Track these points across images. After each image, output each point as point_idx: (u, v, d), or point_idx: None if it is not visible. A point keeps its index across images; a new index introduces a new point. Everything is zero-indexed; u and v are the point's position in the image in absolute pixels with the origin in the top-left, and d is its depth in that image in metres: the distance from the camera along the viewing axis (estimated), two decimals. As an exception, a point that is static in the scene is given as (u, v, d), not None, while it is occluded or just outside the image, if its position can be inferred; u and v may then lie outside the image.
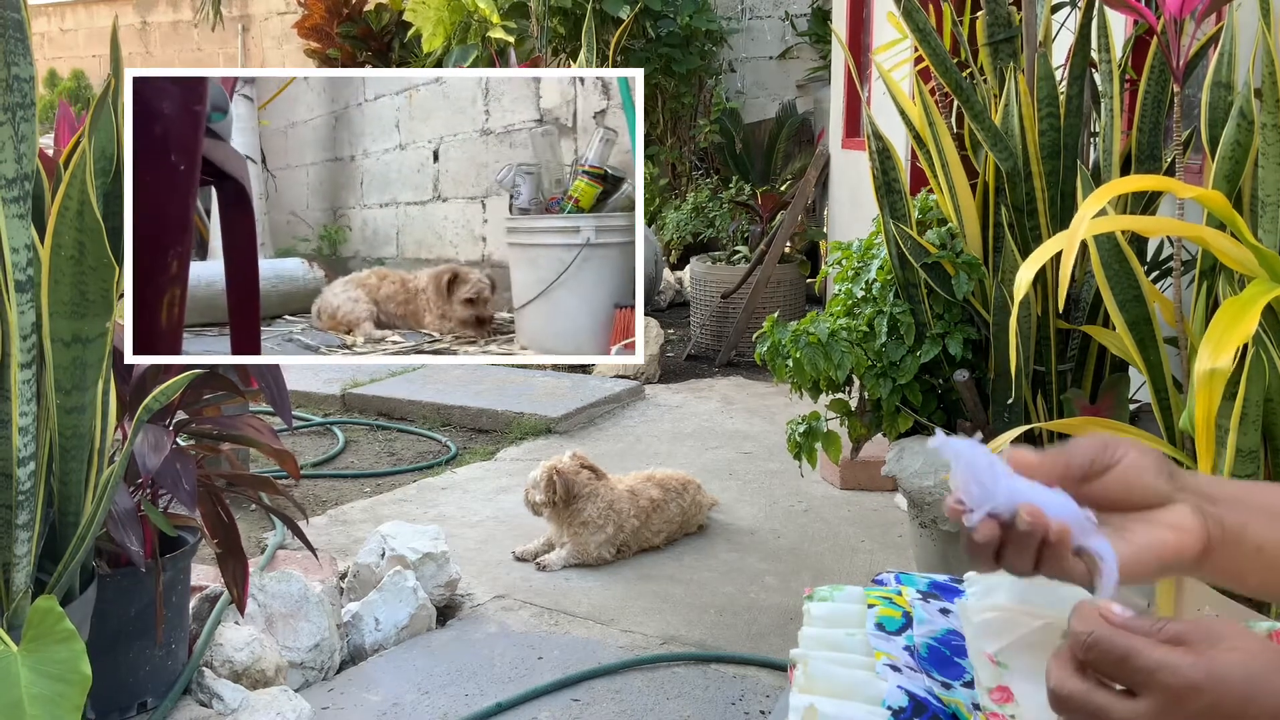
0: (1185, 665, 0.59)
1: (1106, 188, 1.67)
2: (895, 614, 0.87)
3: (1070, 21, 2.63)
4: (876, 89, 3.14)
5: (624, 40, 6.82)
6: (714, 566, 3.12)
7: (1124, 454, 0.70)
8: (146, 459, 1.93)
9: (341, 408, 4.74)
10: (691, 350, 5.78)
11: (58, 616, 1.57)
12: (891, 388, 2.58)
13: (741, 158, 7.62)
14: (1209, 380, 1.53)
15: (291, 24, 10.66)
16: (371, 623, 2.61)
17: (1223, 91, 2.03)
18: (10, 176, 1.60)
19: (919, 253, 2.54)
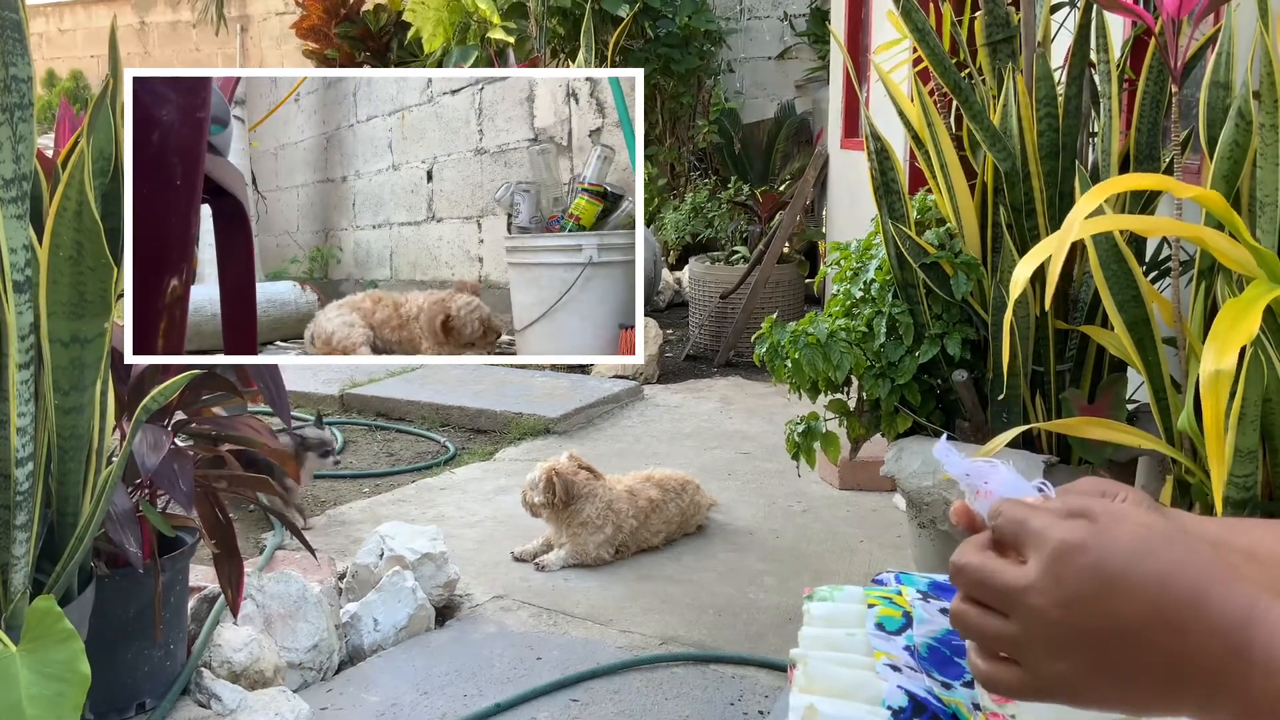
0: (1075, 527, 0.59)
1: (1103, 186, 1.67)
2: (895, 614, 0.87)
3: (1069, 22, 2.63)
4: (875, 89, 3.14)
5: (623, 40, 6.82)
6: (713, 567, 3.12)
7: (1121, 500, 0.70)
8: (144, 459, 1.93)
9: (340, 408, 4.74)
10: (690, 350, 5.78)
11: (56, 616, 1.57)
12: (890, 388, 2.58)
13: (740, 158, 7.62)
14: (1215, 383, 1.53)
15: (290, 24, 10.66)
16: (370, 623, 2.61)
17: (1221, 92, 2.04)
18: (8, 177, 1.60)
19: (917, 253, 2.55)
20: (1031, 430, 2.40)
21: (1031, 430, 2.40)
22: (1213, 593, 0.56)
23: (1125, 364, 2.40)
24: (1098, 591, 0.57)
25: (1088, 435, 2.12)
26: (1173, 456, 2.04)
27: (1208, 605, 0.56)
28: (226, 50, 13.76)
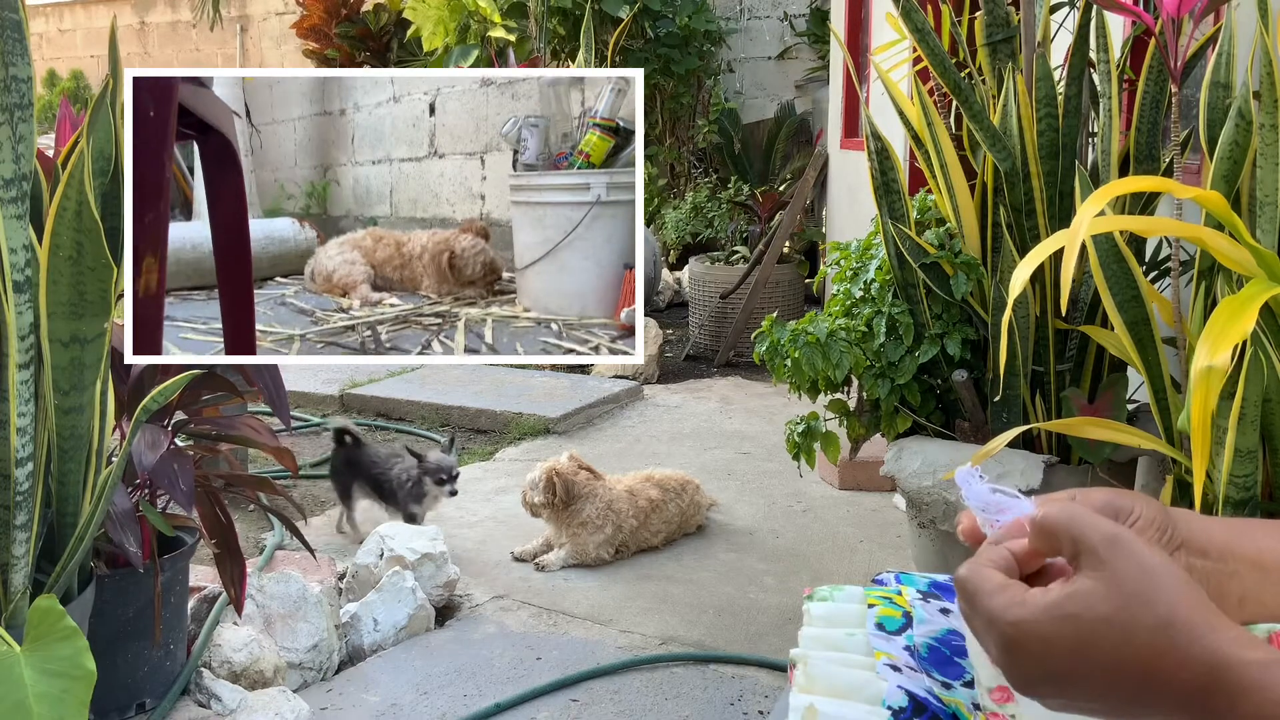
0: (1009, 618, 0.61)
1: (1106, 189, 1.67)
2: (895, 614, 0.87)
3: (1069, 22, 2.63)
4: (875, 89, 3.14)
5: (623, 40, 6.82)
6: (713, 567, 3.12)
7: (1135, 518, 0.70)
8: (144, 458, 1.93)
9: (340, 408, 4.74)
10: (690, 350, 5.78)
11: (59, 614, 1.57)
12: (890, 388, 2.58)
13: (740, 158, 7.62)
14: (1206, 378, 1.53)
15: (290, 24, 10.66)
16: (370, 623, 2.61)
17: (1221, 92, 2.03)
18: (8, 177, 1.60)
19: (917, 253, 2.54)
20: (1031, 430, 2.40)
21: (1031, 430, 2.40)
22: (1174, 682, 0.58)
23: (1125, 364, 2.41)
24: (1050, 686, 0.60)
25: (1088, 435, 2.12)
26: (1173, 456, 2.04)
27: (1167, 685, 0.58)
28: (226, 50, 13.76)
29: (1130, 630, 0.59)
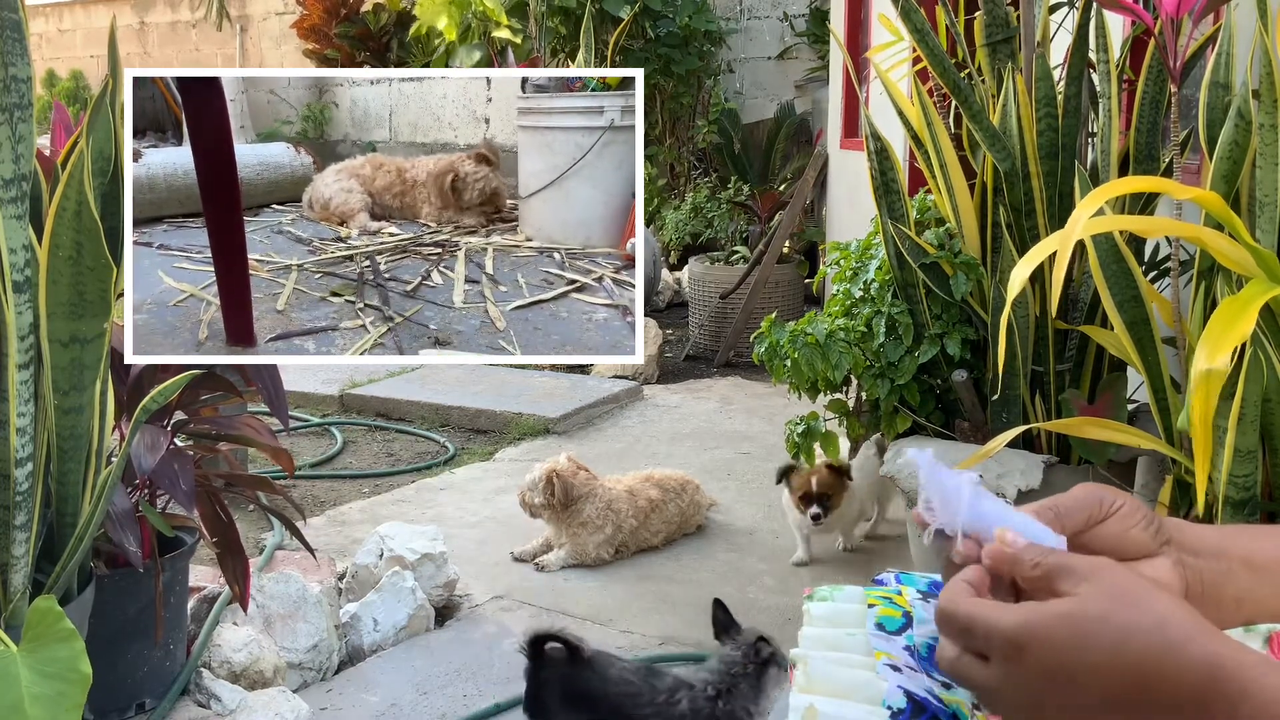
0: (1005, 625, 0.60)
1: (1106, 188, 1.67)
2: (895, 614, 0.87)
3: (1068, 22, 2.63)
4: (875, 89, 3.14)
5: (623, 40, 6.82)
6: (712, 567, 3.12)
7: (1119, 506, 0.70)
8: (143, 459, 1.93)
9: (340, 408, 4.73)
10: (690, 351, 5.78)
11: (57, 616, 1.57)
12: (889, 388, 2.58)
13: (740, 158, 7.61)
14: (1206, 381, 1.53)
15: (289, 24, 10.66)
16: (370, 623, 2.61)
17: (1220, 92, 2.03)
18: (8, 177, 1.60)
19: (917, 253, 2.54)
20: (1031, 430, 2.40)
21: (1031, 430, 2.40)
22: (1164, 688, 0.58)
23: (1125, 364, 2.40)
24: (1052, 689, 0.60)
25: (1087, 435, 2.12)
26: (1173, 456, 2.04)
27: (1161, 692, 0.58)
28: (226, 50, 13.75)
29: (1128, 630, 0.58)
